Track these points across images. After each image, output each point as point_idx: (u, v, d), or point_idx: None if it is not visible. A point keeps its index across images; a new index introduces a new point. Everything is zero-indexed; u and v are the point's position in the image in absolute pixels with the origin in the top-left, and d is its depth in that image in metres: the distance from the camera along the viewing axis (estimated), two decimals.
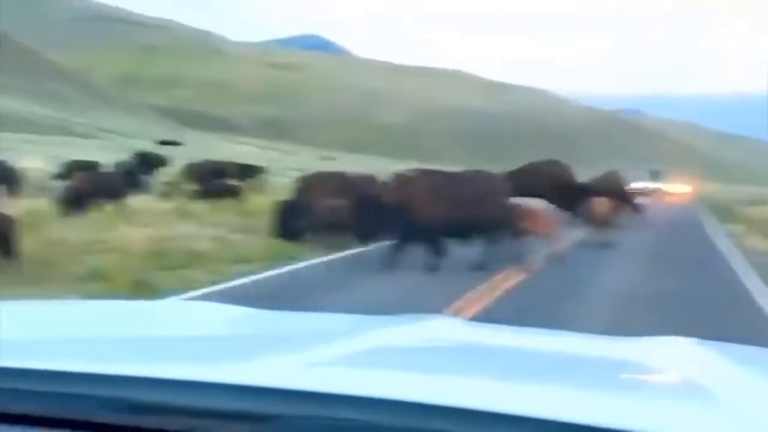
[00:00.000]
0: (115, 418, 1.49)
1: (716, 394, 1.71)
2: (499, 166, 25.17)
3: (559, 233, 17.45)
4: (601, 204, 21.58)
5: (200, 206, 24.23)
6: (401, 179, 15.87)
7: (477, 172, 17.37)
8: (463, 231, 15.13)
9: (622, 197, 23.57)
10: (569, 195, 23.21)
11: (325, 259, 16.43)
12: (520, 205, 16.57)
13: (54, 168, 33.01)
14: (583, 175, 29.71)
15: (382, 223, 15.08)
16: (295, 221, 18.33)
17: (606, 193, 23.30)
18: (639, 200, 29.89)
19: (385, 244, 16.38)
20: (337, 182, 20.29)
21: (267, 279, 13.67)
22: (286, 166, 62.13)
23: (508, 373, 1.85)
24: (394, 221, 14.87)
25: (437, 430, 1.39)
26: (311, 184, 20.55)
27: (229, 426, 1.46)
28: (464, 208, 14.97)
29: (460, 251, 15.25)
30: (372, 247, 16.61)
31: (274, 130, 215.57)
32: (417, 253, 14.92)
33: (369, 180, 20.74)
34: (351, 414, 1.43)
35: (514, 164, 25.73)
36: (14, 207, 18.89)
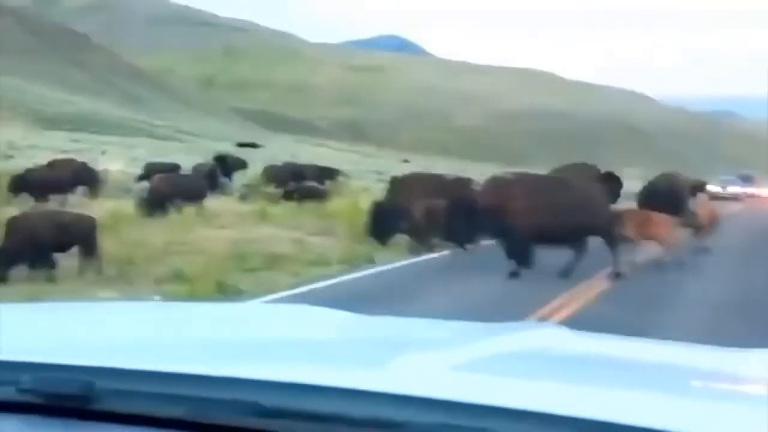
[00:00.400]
0: (243, 421, 1.51)
1: None
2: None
3: (673, 238, 16.78)
4: (703, 207, 21.04)
5: (279, 209, 24.47)
6: (497, 182, 15.74)
7: (566, 174, 17.08)
8: (561, 236, 14.77)
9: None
10: None
11: (406, 262, 16.46)
12: (629, 210, 16.26)
13: (134, 169, 33.68)
14: None
15: (476, 226, 14.96)
16: (388, 222, 18.44)
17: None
18: (730, 205, 29.11)
19: (470, 247, 16.34)
20: (431, 184, 20.22)
21: (347, 282, 13.72)
22: (365, 169, 62.31)
23: (617, 382, 1.86)
24: (489, 225, 14.71)
25: None
26: (405, 186, 20.50)
27: None
28: (563, 212, 14.62)
29: (554, 255, 14.95)
30: (459, 250, 16.59)
31: (353, 132, 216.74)
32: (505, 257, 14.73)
33: (463, 182, 20.70)
34: (477, 423, 1.45)
35: (602, 168, 25.19)
36: (96, 208, 19.39)
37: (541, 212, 14.50)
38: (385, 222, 18.55)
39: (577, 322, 10.08)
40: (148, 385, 1.55)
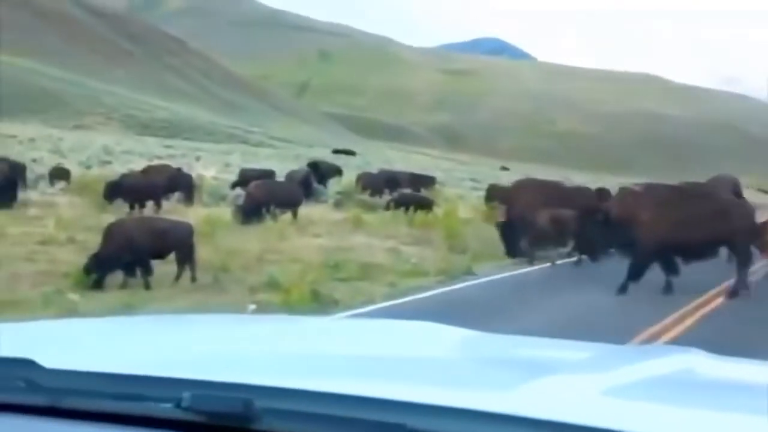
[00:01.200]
0: None
1: None
2: (698, 179, 23.88)
3: None
4: None
5: (373, 217, 24.56)
6: (626, 193, 15.65)
7: (698, 185, 16.77)
8: (695, 249, 14.49)
9: None
10: None
11: (507, 274, 16.38)
12: None
13: (227, 176, 34.27)
14: None
15: (609, 237, 14.82)
16: (519, 234, 18.40)
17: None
18: None
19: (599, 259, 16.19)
20: (551, 192, 19.99)
21: (447, 294, 13.67)
22: (459, 176, 62.31)
23: (760, 409, 1.81)
24: (620, 236, 14.60)
25: None
26: (520, 193, 20.16)
27: None
28: (699, 225, 14.28)
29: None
30: (564, 261, 16.36)
31: (449, 138, 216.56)
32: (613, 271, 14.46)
33: (587, 192, 20.51)
34: None
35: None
36: (191, 215, 19.82)
37: (672, 223, 14.26)
38: (518, 238, 18.47)
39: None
40: (307, 405, 1.56)
